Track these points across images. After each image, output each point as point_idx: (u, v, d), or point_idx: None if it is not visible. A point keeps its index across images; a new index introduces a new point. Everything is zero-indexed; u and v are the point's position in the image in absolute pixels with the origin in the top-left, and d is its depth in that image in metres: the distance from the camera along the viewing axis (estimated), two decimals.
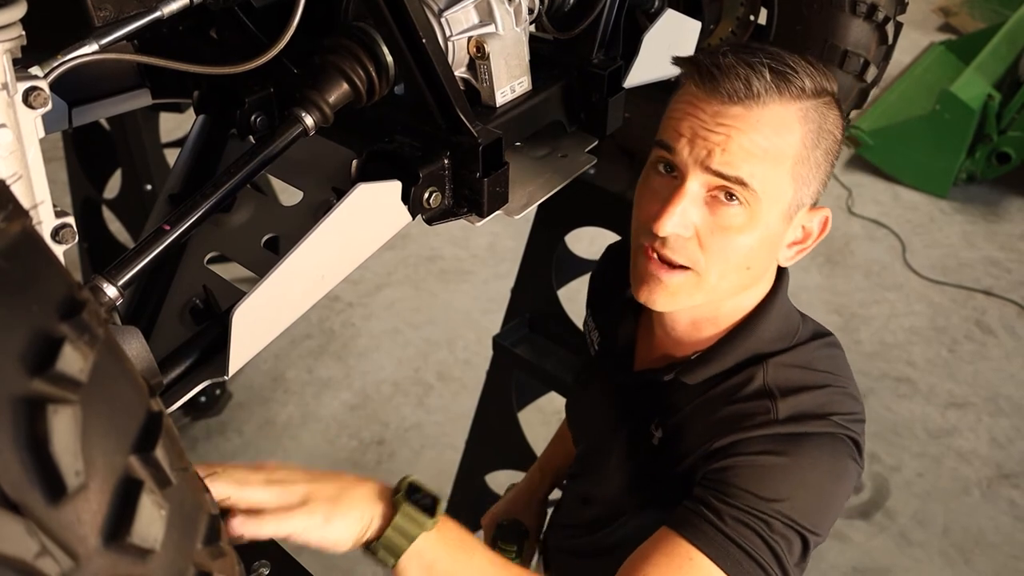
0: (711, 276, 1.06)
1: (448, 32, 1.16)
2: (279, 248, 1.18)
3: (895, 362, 3.50)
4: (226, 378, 1.00)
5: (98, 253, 3.12)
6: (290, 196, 1.24)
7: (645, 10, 1.51)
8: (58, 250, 0.86)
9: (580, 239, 2.27)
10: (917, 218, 4.35)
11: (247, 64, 1.03)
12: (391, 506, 0.93)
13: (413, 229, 1.16)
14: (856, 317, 3.73)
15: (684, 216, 1.03)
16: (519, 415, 2.36)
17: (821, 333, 1.18)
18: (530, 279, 2.30)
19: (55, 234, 0.86)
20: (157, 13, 0.97)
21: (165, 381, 0.99)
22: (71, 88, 1.22)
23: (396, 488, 0.95)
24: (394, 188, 1.09)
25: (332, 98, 1.10)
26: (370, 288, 3.82)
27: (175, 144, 3.03)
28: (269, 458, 3.04)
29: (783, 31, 1.67)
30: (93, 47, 0.94)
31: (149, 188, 2.82)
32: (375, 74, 1.12)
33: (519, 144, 1.35)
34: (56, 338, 0.52)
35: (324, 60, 1.12)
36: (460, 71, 1.20)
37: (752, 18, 1.73)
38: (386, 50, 1.12)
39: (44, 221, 0.85)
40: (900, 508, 2.92)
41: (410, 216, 1.11)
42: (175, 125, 3.44)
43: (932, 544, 2.81)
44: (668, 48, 1.43)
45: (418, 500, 0.93)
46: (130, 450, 0.55)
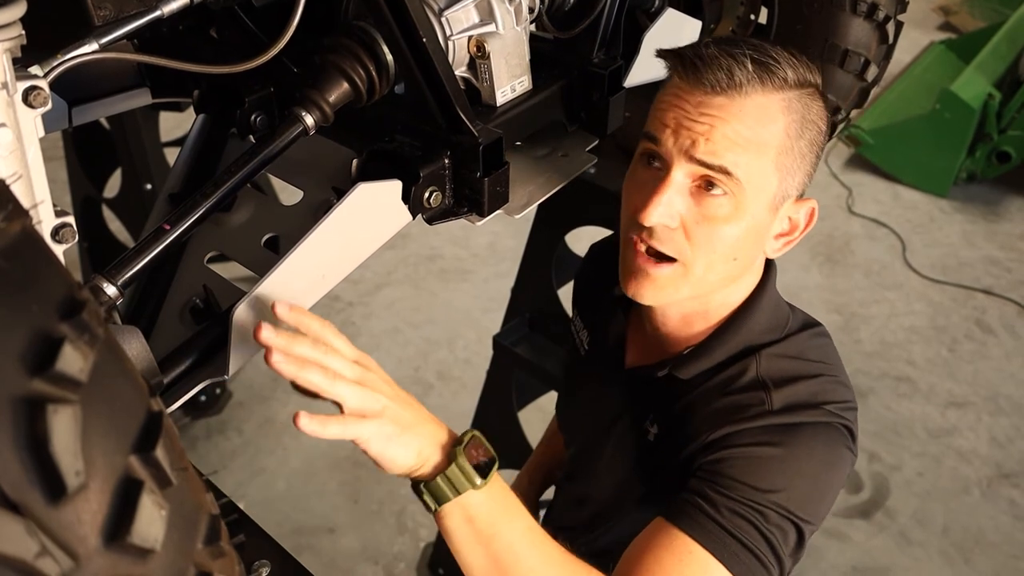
0: (697, 267, 1.07)
1: (448, 31, 1.16)
2: (279, 248, 1.18)
3: (895, 361, 3.50)
4: (226, 377, 1.00)
5: (98, 253, 3.12)
6: (290, 195, 1.24)
7: (645, 9, 1.51)
8: (58, 249, 0.86)
9: (580, 238, 2.26)
10: (917, 217, 4.35)
11: (247, 63, 1.03)
12: (447, 457, 0.95)
13: (413, 228, 1.16)
14: (856, 316, 3.73)
15: (670, 206, 1.04)
16: (519, 414, 2.36)
17: (810, 323, 1.19)
18: (530, 278, 2.30)
19: (55, 233, 0.86)
20: (157, 12, 0.96)
21: (165, 381, 0.99)
22: (71, 87, 1.22)
23: (459, 439, 0.96)
24: (394, 187, 1.08)
25: (332, 97, 1.10)
26: (370, 287, 3.82)
27: (175, 143, 3.03)
28: (268, 458, 3.04)
29: (783, 30, 1.67)
30: (93, 46, 0.94)
31: (149, 187, 2.82)
32: (375, 73, 1.12)
33: (519, 143, 1.35)
34: (56, 338, 0.52)
35: (324, 59, 1.12)
36: (460, 70, 1.20)
37: (752, 17, 1.73)
38: (386, 49, 1.12)
39: (44, 220, 0.85)
40: (900, 507, 2.92)
41: (410, 215, 1.11)
42: (175, 124, 3.44)
43: (932, 543, 2.81)
44: (669, 47, 1.44)
45: (475, 457, 0.95)
46: (130, 450, 0.55)
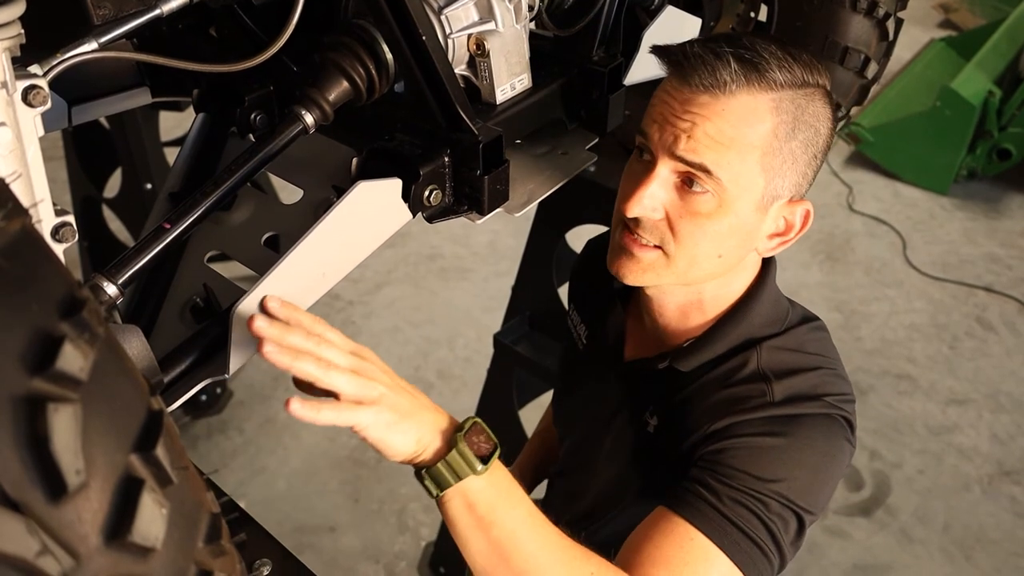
0: (680, 260, 1.08)
1: (448, 29, 1.16)
2: (279, 246, 1.18)
3: (896, 359, 3.50)
4: (227, 376, 1.00)
5: (98, 252, 3.12)
6: (290, 194, 1.24)
7: (645, 7, 1.51)
8: (58, 249, 0.86)
9: (581, 237, 2.26)
10: (918, 215, 4.35)
11: (247, 62, 1.03)
12: (448, 443, 0.95)
13: (413, 227, 1.16)
14: (857, 314, 3.73)
15: (652, 199, 1.06)
16: (520, 413, 2.36)
17: (809, 317, 1.20)
18: (531, 277, 2.30)
19: (55, 232, 0.86)
20: (157, 11, 0.96)
21: (166, 380, 0.99)
22: (71, 86, 1.22)
23: (460, 426, 0.96)
24: (394, 186, 1.08)
25: (332, 96, 1.10)
26: (370, 286, 3.82)
27: (175, 143, 3.02)
28: (269, 457, 3.04)
29: (783, 27, 1.67)
30: (92, 45, 0.94)
31: (149, 187, 2.82)
32: (375, 72, 1.12)
33: (519, 141, 1.35)
34: (56, 337, 0.52)
35: (324, 58, 1.12)
36: (460, 68, 1.20)
37: (752, 15, 1.73)
38: (386, 48, 1.12)
39: (44, 219, 0.85)
40: (901, 505, 2.92)
41: (410, 214, 1.11)
42: (175, 124, 3.44)
43: (933, 541, 2.81)
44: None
45: (476, 444, 0.95)
46: (131, 449, 0.55)
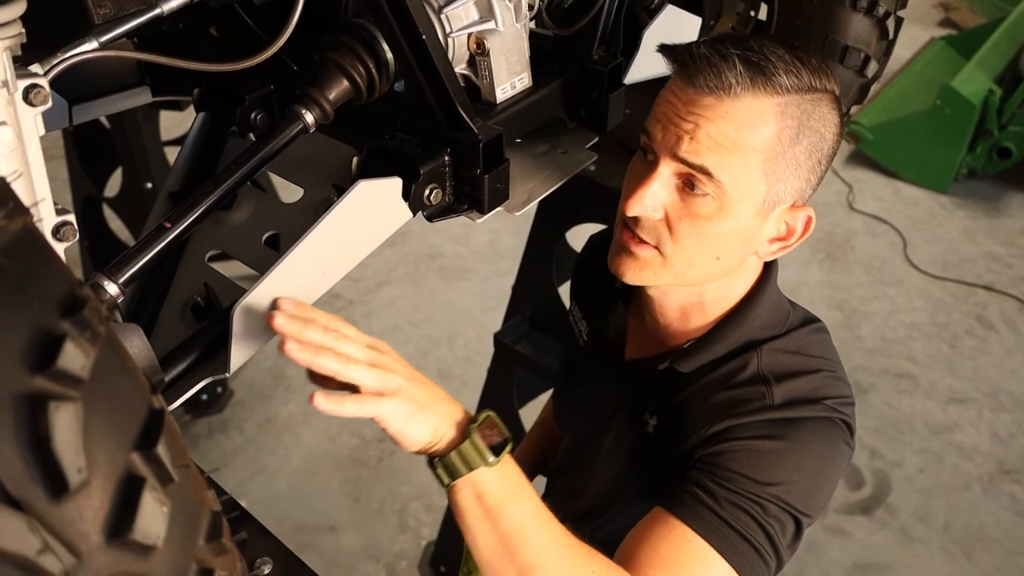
0: (677, 261, 1.08)
1: (448, 28, 1.16)
2: (280, 245, 1.18)
3: (896, 358, 3.50)
4: (227, 375, 1.00)
5: (99, 251, 3.12)
6: (291, 193, 1.24)
7: (645, 6, 1.51)
8: (59, 248, 0.86)
9: (581, 236, 2.26)
10: (918, 213, 4.35)
11: (247, 61, 1.03)
12: (462, 434, 0.97)
13: (413, 226, 1.17)
14: (857, 313, 3.73)
15: (653, 199, 1.06)
16: (520, 412, 2.36)
17: (810, 319, 1.19)
18: (531, 276, 2.30)
19: (56, 232, 0.86)
20: (157, 10, 0.97)
21: (166, 378, 0.99)
22: (71, 86, 1.22)
23: (474, 418, 0.99)
24: (395, 185, 1.09)
25: (332, 95, 1.10)
26: (371, 285, 3.82)
27: (175, 142, 3.03)
28: (269, 457, 3.04)
29: (783, 26, 1.67)
30: (93, 45, 0.94)
31: (149, 186, 2.82)
32: (375, 71, 1.12)
33: (519, 140, 1.35)
34: (57, 335, 0.52)
35: (324, 57, 1.12)
36: (460, 67, 1.20)
37: (752, 14, 1.73)
38: (386, 47, 1.12)
39: (45, 218, 0.85)
40: (901, 504, 2.92)
41: (411, 213, 1.11)
42: (175, 123, 3.44)
43: (933, 540, 2.81)
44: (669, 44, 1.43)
45: (489, 436, 0.98)
46: (132, 447, 0.55)
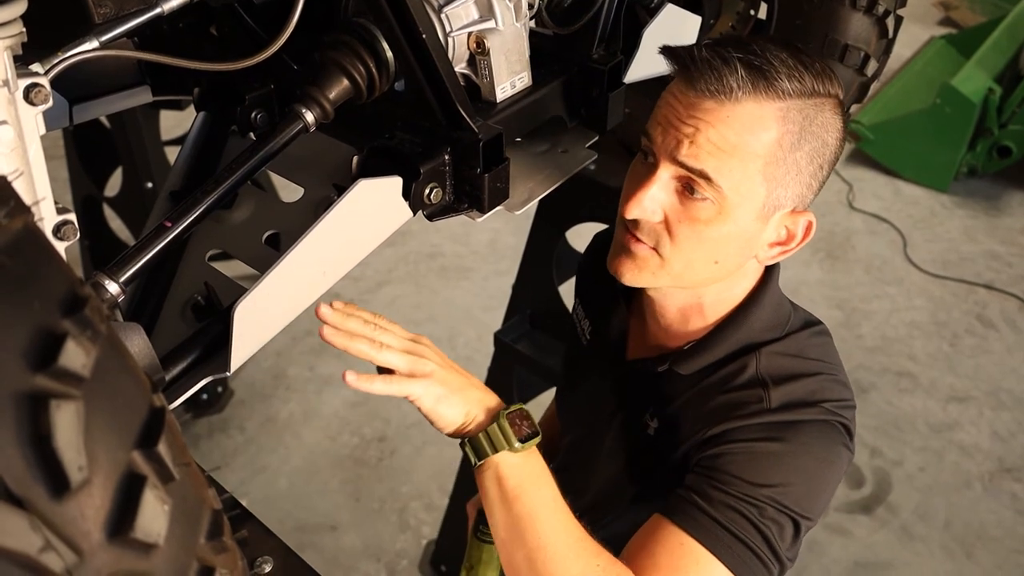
0: (675, 263, 1.08)
1: (448, 28, 1.16)
2: (280, 245, 1.18)
3: (896, 356, 3.50)
4: (228, 375, 1.00)
5: (99, 251, 3.12)
6: (291, 192, 1.24)
7: (645, 5, 1.51)
8: (60, 247, 0.86)
9: (581, 235, 2.26)
10: (918, 212, 4.35)
11: (247, 61, 1.04)
12: (492, 418, 1.04)
13: (414, 225, 1.17)
14: (857, 312, 3.73)
15: (652, 202, 1.06)
16: None
17: (811, 322, 1.19)
18: (531, 275, 2.31)
19: (57, 231, 0.86)
20: (157, 10, 0.97)
21: (167, 377, 1.00)
22: (72, 85, 1.22)
23: (506, 407, 1.06)
24: (395, 184, 1.09)
25: (333, 94, 1.11)
26: (371, 285, 3.82)
27: (176, 142, 3.03)
28: (270, 456, 3.04)
29: (783, 25, 1.67)
30: (93, 44, 0.94)
31: (150, 186, 2.82)
32: (375, 70, 1.12)
33: (519, 140, 1.35)
34: (58, 334, 0.52)
35: (324, 56, 1.12)
36: (460, 67, 1.20)
37: (752, 13, 1.73)
38: (386, 46, 1.12)
39: (46, 218, 0.85)
40: (902, 502, 2.92)
41: (411, 212, 1.11)
42: (175, 123, 3.44)
43: (934, 538, 2.81)
44: (668, 43, 1.43)
45: (518, 426, 1.04)
46: (133, 445, 0.55)
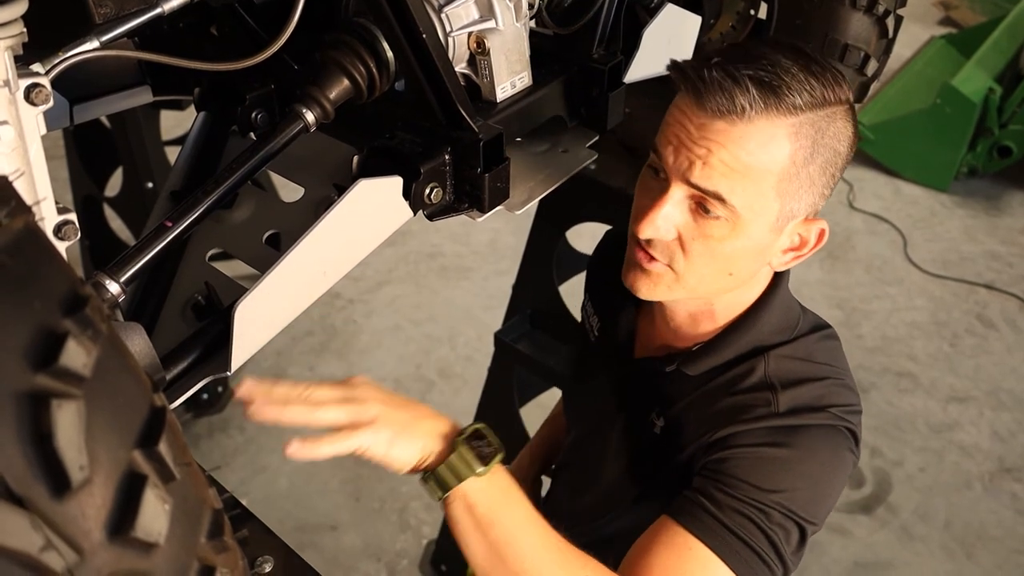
0: (690, 278, 1.08)
1: (448, 28, 1.16)
2: (280, 244, 1.18)
3: (896, 356, 3.50)
4: (228, 374, 1.00)
5: (99, 251, 3.12)
6: (291, 192, 1.24)
7: (645, 5, 1.51)
8: (60, 246, 0.86)
9: (581, 235, 2.27)
10: (918, 212, 4.35)
11: (248, 61, 1.04)
12: (451, 446, 0.98)
13: (414, 225, 1.17)
14: (857, 312, 3.73)
15: (665, 221, 1.05)
16: (521, 411, 2.36)
17: (820, 326, 1.19)
18: (531, 275, 2.31)
19: (57, 230, 0.86)
20: (158, 10, 0.97)
21: (168, 377, 1.00)
22: (72, 85, 1.22)
23: (462, 431, 1.00)
24: (395, 184, 1.09)
25: (333, 94, 1.11)
26: (371, 285, 3.82)
27: (176, 142, 3.02)
28: (270, 456, 3.04)
29: (783, 25, 1.67)
30: (94, 44, 0.94)
31: (150, 186, 2.82)
32: (376, 70, 1.12)
33: (520, 139, 1.35)
34: (59, 333, 0.52)
35: (325, 56, 1.12)
36: (460, 67, 1.20)
37: (752, 12, 1.73)
38: (387, 46, 1.12)
39: (47, 217, 0.85)
40: (902, 502, 2.92)
41: (411, 212, 1.11)
42: (176, 123, 3.44)
43: (934, 538, 2.81)
44: (668, 43, 1.43)
45: (478, 447, 0.98)
46: (133, 445, 0.55)
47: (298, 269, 1.02)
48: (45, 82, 0.82)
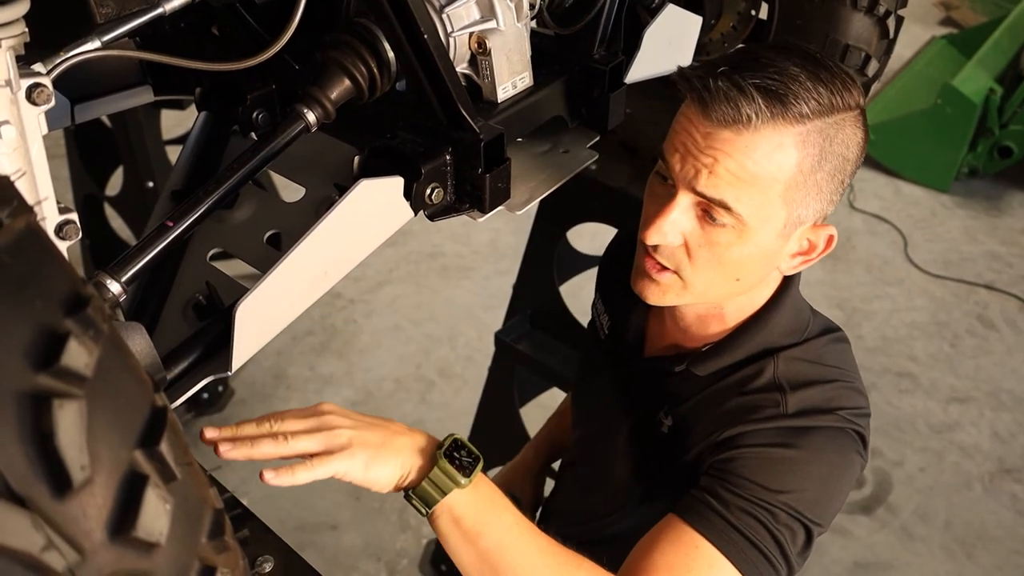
0: (697, 284, 1.08)
1: (449, 28, 1.16)
2: (281, 244, 1.18)
3: (897, 357, 3.50)
4: (229, 374, 1.00)
5: (100, 251, 3.12)
6: (292, 192, 1.24)
7: (646, 5, 1.51)
8: (62, 246, 0.86)
9: (582, 235, 2.27)
10: (919, 212, 4.35)
11: (249, 60, 1.04)
12: (430, 460, 0.98)
13: (415, 225, 1.17)
14: (858, 312, 3.73)
15: (673, 227, 1.05)
16: (521, 411, 2.36)
17: (830, 328, 1.19)
18: (532, 275, 2.31)
19: (59, 230, 0.86)
20: (159, 10, 0.97)
21: (169, 377, 1.00)
22: (73, 85, 1.22)
23: (440, 443, 0.99)
24: (396, 184, 1.09)
25: (334, 94, 1.11)
26: (372, 285, 3.82)
27: (177, 141, 3.03)
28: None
29: (784, 26, 1.67)
30: (95, 44, 0.94)
31: (151, 185, 2.82)
32: (377, 70, 1.12)
33: (521, 140, 1.35)
34: (61, 333, 0.52)
35: (326, 56, 1.12)
36: (462, 67, 1.20)
37: (753, 13, 1.73)
38: (388, 46, 1.12)
39: (48, 217, 0.85)
40: (902, 503, 2.92)
41: (412, 212, 1.11)
42: (176, 123, 3.44)
43: (934, 539, 2.81)
44: (669, 43, 1.43)
45: (458, 459, 0.98)
46: (135, 445, 0.55)
47: (299, 269, 1.02)
48: (47, 82, 0.82)
